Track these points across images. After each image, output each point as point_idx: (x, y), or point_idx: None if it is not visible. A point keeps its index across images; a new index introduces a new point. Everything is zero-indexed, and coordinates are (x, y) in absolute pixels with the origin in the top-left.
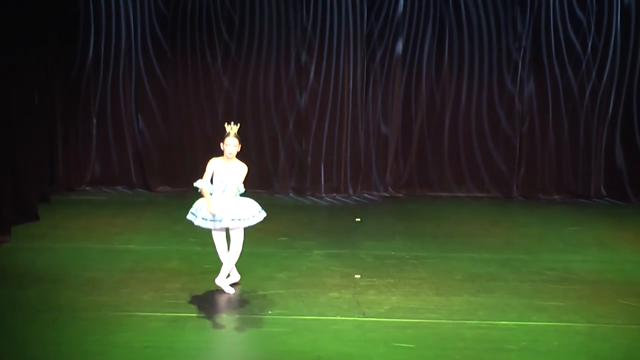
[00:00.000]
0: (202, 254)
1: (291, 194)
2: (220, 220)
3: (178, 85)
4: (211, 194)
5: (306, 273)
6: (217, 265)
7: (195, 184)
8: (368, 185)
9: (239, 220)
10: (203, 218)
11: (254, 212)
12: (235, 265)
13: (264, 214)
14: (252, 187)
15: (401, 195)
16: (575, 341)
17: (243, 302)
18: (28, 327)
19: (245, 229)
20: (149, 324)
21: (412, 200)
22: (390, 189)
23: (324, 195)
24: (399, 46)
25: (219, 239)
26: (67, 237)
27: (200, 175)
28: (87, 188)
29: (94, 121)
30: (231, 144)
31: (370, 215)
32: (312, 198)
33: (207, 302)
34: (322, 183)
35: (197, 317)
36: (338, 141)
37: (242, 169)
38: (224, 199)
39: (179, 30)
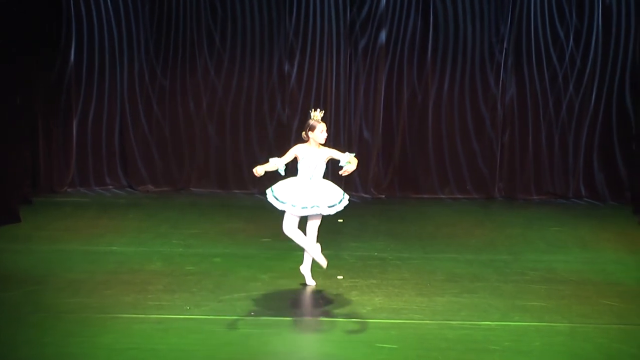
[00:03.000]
0: (184, 255)
1: None
2: (311, 207)
3: (161, 86)
4: (283, 175)
5: (289, 274)
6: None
7: (270, 159)
8: (350, 187)
9: (329, 207)
10: (292, 205)
11: (339, 198)
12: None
13: (347, 198)
14: (232, 188)
15: (383, 196)
16: (557, 341)
17: (226, 303)
18: (12, 328)
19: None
20: (132, 326)
21: (395, 202)
22: (372, 190)
23: None
24: (381, 43)
25: (292, 220)
26: (50, 239)
27: (180, 176)
28: (69, 190)
29: (76, 122)
30: (324, 129)
31: (352, 217)
32: None
33: (189, 303)
34: None
35: (180, 318)
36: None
37: (331, 150)
38: (313, 187)
39: (164, 30)
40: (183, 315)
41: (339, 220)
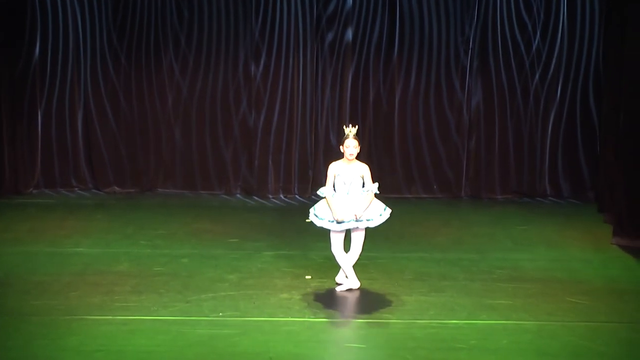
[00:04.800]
0: (152, 256)
1: (239, 195)
2: (348, 222)
3: (128, 86)
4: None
5: (257, 274)
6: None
7: (318, 192)
8: (317, 187)
9: (367, 220)
10: (330, 220)
11: (380, 211)
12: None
13: (389, 211)
14: (198, 189)
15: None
16: (524, 339)
17: (193, 304)
18: None
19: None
20: (98, 328)
21: None
22: None
23: (270, 196)
24: (348, 41)
25: (338, 239)
26: (15, 241)
27: (146, 177)
28: (34, 191)
29: (41, 122)
30: (351, 145)
31: None
32: (260, 199)
33: (157, 304)
34: (270, 184)
35: (147, 320)
36: (287, 142)
37: (365, 169)
38: (351, 202)
39: (128, 29)
40: (150, 316)
41: (307, 220)
